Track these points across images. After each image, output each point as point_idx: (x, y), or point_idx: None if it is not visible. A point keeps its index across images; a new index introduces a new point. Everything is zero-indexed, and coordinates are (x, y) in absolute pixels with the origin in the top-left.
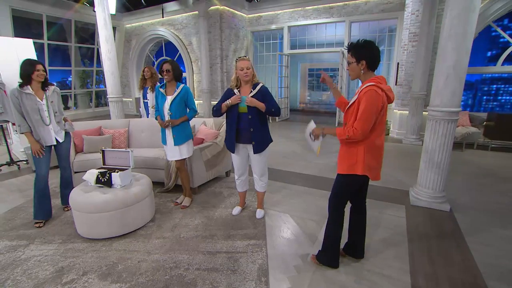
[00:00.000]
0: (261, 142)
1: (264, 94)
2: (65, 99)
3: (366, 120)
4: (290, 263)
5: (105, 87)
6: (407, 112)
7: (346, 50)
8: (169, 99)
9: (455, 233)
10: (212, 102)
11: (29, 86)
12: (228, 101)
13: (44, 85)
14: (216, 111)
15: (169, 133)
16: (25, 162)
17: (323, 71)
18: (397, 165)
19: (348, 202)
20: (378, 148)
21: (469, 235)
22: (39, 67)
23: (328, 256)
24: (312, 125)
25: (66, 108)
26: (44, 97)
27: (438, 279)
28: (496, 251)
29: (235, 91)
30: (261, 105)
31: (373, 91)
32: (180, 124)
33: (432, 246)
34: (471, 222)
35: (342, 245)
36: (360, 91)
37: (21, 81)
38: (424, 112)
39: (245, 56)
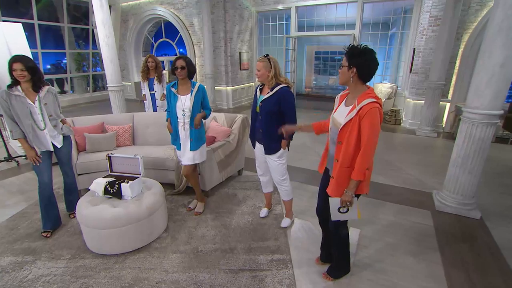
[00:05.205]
0: (269, 145)
1: (279, 98)
2: (61, 83)
3: (373, 147)
4: (319, 284)
5: (102, 70)
6: (422, 102)
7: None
8: (183, 99)
9: (491, 246)
10: (216, 87)
11: (18, 87)
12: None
13: (36, 85)
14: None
15: (186, 138)
16: (24, 158)
17: (282, 128)
18: (414, 161)
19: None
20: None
21: (506, 249)
22: (16, 65)
23: (342, 268)
24: (334, 201)
25: (63, 92)
26: (37, 98)
27: None
28: None
29: (258, 88)
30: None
31: (376, 110)
32: (198, 129)
33: (468, 263)
34: (506, 233)
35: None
36: (360, 109)
37: (10, 80)
38: (441, 103)
39: (265, 56)
